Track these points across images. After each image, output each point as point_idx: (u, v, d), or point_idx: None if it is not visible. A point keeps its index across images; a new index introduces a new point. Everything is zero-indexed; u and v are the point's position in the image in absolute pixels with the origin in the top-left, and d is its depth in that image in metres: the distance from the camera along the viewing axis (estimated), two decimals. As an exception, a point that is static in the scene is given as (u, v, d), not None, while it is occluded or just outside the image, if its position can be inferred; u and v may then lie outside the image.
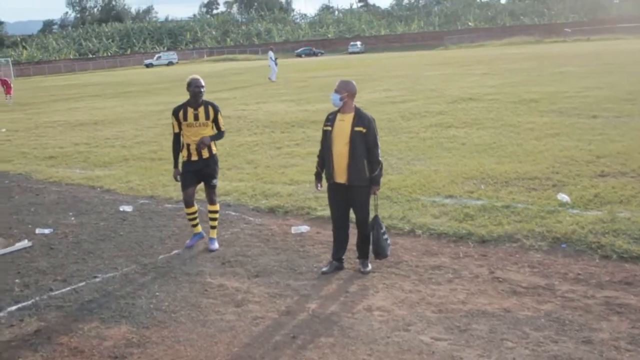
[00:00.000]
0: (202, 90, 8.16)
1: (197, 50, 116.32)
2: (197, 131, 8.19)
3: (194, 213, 8.61)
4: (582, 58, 38.53)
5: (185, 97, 8.39)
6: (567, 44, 68.19)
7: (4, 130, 23.28)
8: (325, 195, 10.15)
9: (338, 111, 7.09)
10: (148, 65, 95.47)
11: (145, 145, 17.35)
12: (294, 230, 8.95)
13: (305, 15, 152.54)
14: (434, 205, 9.40)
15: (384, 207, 9.46)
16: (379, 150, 7.05)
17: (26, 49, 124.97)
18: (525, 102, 19.65)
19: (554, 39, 78.43)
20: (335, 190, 7.19)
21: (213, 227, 8.56)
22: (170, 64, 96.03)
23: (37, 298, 7.05)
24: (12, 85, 39.00)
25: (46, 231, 9.73)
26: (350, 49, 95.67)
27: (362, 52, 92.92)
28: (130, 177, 13.14)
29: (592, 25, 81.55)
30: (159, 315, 6.42)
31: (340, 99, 6.97)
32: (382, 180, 10.75)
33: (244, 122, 20.15)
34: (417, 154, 13.18)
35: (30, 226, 10.10)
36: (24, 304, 6.93)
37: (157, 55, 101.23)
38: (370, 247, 7.25)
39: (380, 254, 7.21)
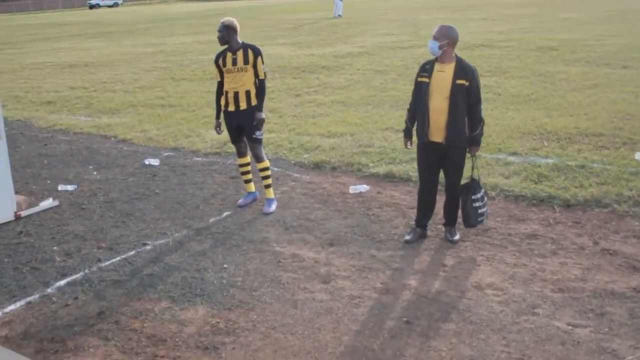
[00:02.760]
0: (220, 34, 7.34)
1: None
2: (235, 77, 7.31)
3: (246, 165, 7.80)
4: (578, 4, 37.55)
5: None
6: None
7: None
8: (376, 150, 9.46)
9: (436, 60, 6.17)
10: (93, 6, 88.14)
11: (148, 90, 16.26)
12: (352, 190, 8.12)
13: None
14: (499, 164, 8.62)
15: (443, 164, 8.68)
16: (482, 106, 6.19)
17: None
18: (543, 49, 18.81)
19: (536, -16, 77.14)
20: (428, 150, 6.33)
21: (267, 187, 7.71)
22: (115, 5, 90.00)
23: (87, 270, 6.18)
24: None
25: (70, 188, 8.81)
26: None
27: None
28: (145, 126, 12.15)
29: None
30: (237, 293, 5.59)
31: (440, 47, 6.04)
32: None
33: (248, 66, 19.05)
34: (453, 104, 12.31)
35: (49, 181, 9.16)
36: (72, 277, 6.06)
37: None
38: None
39: (466, 222, 6.44)
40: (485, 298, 5.34)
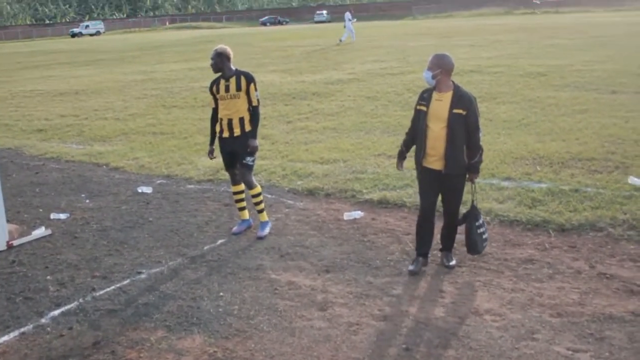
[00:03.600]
0: (213, 61, 7.41)
1: (159, 17, 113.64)
2: (228, 104, 7.35)
3: (240, 193, 7.80)
4: (565, 30, 37.99)
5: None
6: (538, 16, 67.89)
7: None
8: (369, 176, 9.48)
9: (434, 89, 6.16)
10: (75, 35, 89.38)
11: (140, 117, 16.24)
12: (346, 216, 8.10)
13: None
14: (493, 189, 8.62)
15: (436, 189, 8.68)
16: (481, 134, 6.19)
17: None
18: (532, 75, 18.95)
19: (523, 10, 78.00)
20: (427, 176, 6.30)
21: (259, 211, 7.70)
22: (97, 33, 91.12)
23: (81, 299, 6.12)
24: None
25: (62, 216, 8.75)
26: (317, 18, 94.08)
27: (329, 22, 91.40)
28: (137, 154, 12.13)
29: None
30: (234, 321, 5.54)
31: (433, 77, 6.06)
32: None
33: (239, 93, 19.09)
34: (445, 130, 12.36)
35: (41, 210, 9.10)
36: (67, 307, 5.99)
37: (84, 24, 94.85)
38: (466, 241, 6.45)
39: (473, 249, 6.43)
40: (484, 324, 5.32)
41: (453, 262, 6.50)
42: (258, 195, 7.66)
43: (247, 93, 7.35)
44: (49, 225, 8.34)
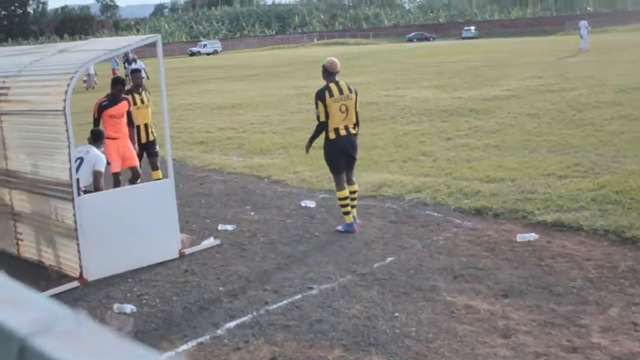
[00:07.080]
0: None
1: (307, 34, 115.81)
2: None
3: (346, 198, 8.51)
4: None
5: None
6: None
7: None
8: (540, 197, 8.99)
9: None
10: (194, 54, 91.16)
11: (298, 131, 16.39)
12: (519, 238, 7.72)
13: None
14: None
15: (616, 213, 8.15)
16: None
17: (139, 31, 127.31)
18: None
19: (689, 24, 73.61)
20: None
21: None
22: (215, 52, 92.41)
23: (255, 312, 6.11)
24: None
25: (229, 227, 8.88)
26: (464, 34, 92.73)
27: (476, 37, 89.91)
28: (297, 168, 12.20)
29: None
30: (412, 344, 5.33)
31: None
32: (597, 181, 9.49)
33: (394, 109, 18.99)
34: (617, 150, 11.67)
35: (208, 220, 9.29)
36: (241, 319, 6.00)
37: (202, 44, 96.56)
38: None
39: None
40: (690, 364, 4.84)
41: None
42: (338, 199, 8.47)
43: None
44: (217, 236, 8.46)
